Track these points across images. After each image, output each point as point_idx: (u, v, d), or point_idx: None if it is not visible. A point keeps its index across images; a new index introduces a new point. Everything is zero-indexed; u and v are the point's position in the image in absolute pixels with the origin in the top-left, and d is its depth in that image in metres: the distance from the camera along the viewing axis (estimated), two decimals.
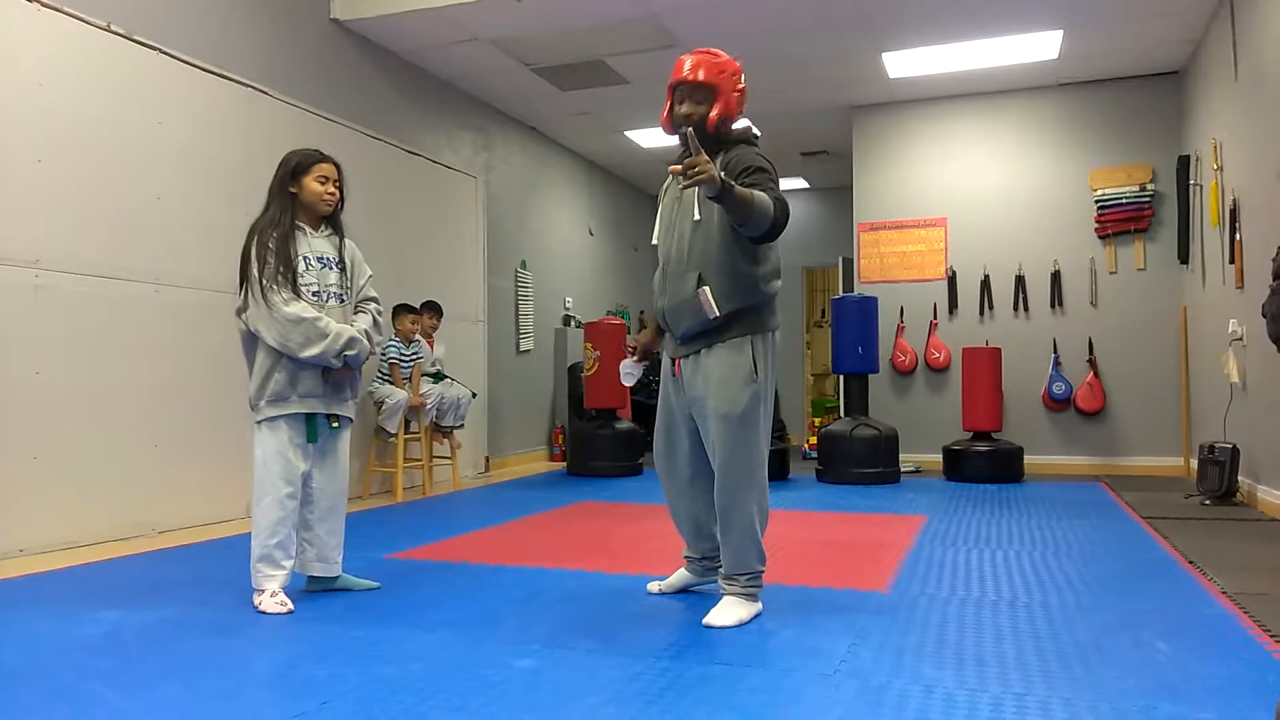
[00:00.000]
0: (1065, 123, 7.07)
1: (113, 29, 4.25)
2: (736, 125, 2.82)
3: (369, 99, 6.03)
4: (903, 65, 6.61)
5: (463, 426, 6.25)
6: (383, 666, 2.28)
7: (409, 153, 6.35)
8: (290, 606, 2.84)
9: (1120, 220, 6.89)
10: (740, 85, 2.78)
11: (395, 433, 5.61)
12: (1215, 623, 2.65)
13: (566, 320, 8.78)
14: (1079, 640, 2.48)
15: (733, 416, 2.67)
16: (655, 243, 2.93)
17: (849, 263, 8.40)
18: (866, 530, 4.35)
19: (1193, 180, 6.33)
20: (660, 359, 3.01)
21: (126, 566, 3.60)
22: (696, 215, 2.73)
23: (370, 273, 3.19)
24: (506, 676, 2.19)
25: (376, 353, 5.33)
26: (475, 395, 6.41)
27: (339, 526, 3.09)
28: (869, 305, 6.52)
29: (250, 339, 2.95)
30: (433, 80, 6.73)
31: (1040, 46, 6.27)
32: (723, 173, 2.51)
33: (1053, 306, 7.06)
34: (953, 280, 7.30)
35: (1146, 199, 6.83)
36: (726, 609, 2.69)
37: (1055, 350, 7.01)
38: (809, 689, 2.10)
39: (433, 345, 6.12)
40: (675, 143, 2.87)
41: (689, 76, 2.72)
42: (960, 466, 6.34)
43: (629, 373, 3.05)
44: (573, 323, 8.80)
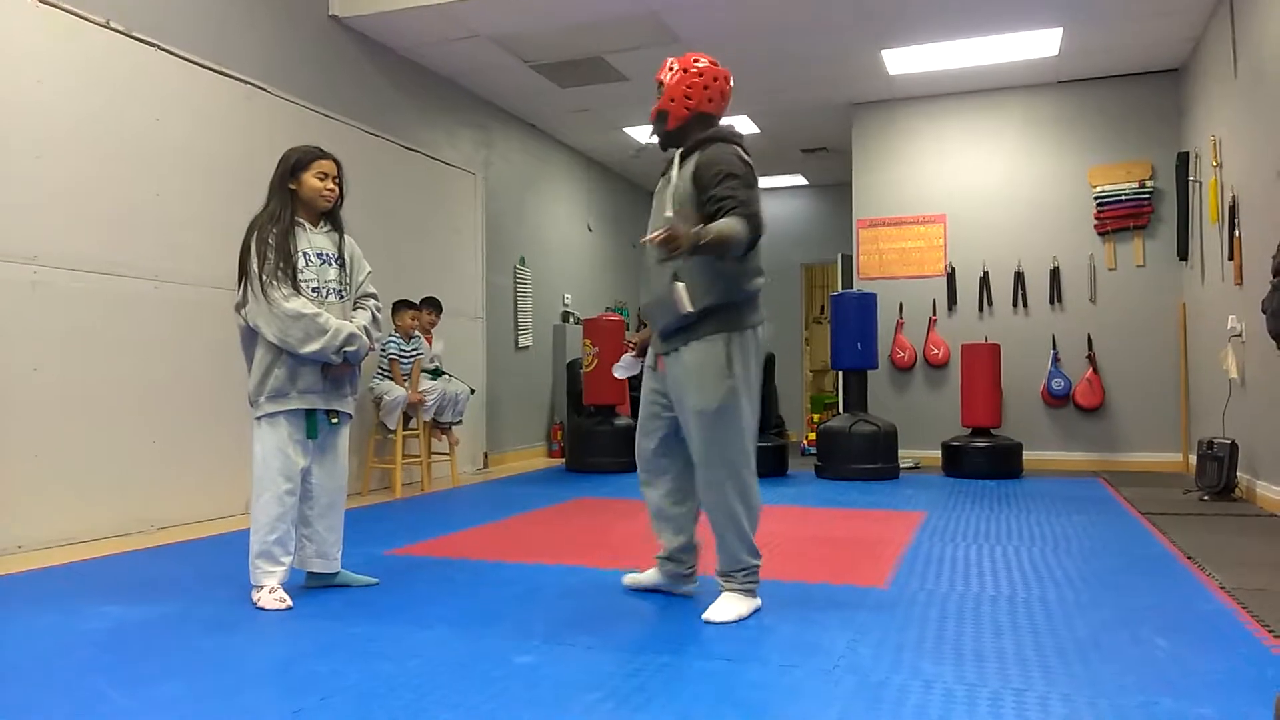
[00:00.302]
0: (1065, 120, 7.06)
1: (112, 26, 4.24)
2: (733, 133, 2.84)
3: (368, 95, 6.02)
4: (902, 62, 6.61)
5: (461, 423, 6.26)
6: (382, 663, 2.28)
7: (408, 149, 6.35)
8: (289, 603, 2.84)
9: (1119, 217, 6.89)
10: (706, 85, 2.81)
11: (394, 429, 5.61)
12: (1214, 618, 2.66)
13: (565, 317, 8.78)
14: (1078, 636, 2.49)
15: (708, 412, 2.69)
16: None
17: (848, 259, 8.40)
18: (865, 526, 4.35)
19: (1192, 177, 6.33)
20: None
21: (126, 563, 3.61)
22: (669, 211, 2.75)
23: (369, 269, 3.19)
24: (505, 673, 2.20)
25: (376, 349, 5.33)
26: (474, 391, 6.42)
27: (338, 522, 3.09)
28: (868, 302, 6.52)
29: (249, 335, 2.95)
30: (432, 77, 6.73)
31: (1040, 44, 6.26)
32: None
33: (1052, 303, 7.06)
34: (952, 277, 7.30)
35: (1146, 196, 6.83)
36: (724, 604, 2.70)
37: (1054, 346, 7.01)
38: (808, 685, 2.10)
39: (431, 341, 6.12)
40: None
41: (656, 77, 2.93)
42: (959, 462, 6.35)
43: (623, 366, 3.05)
44: (571, 319, 8.80)
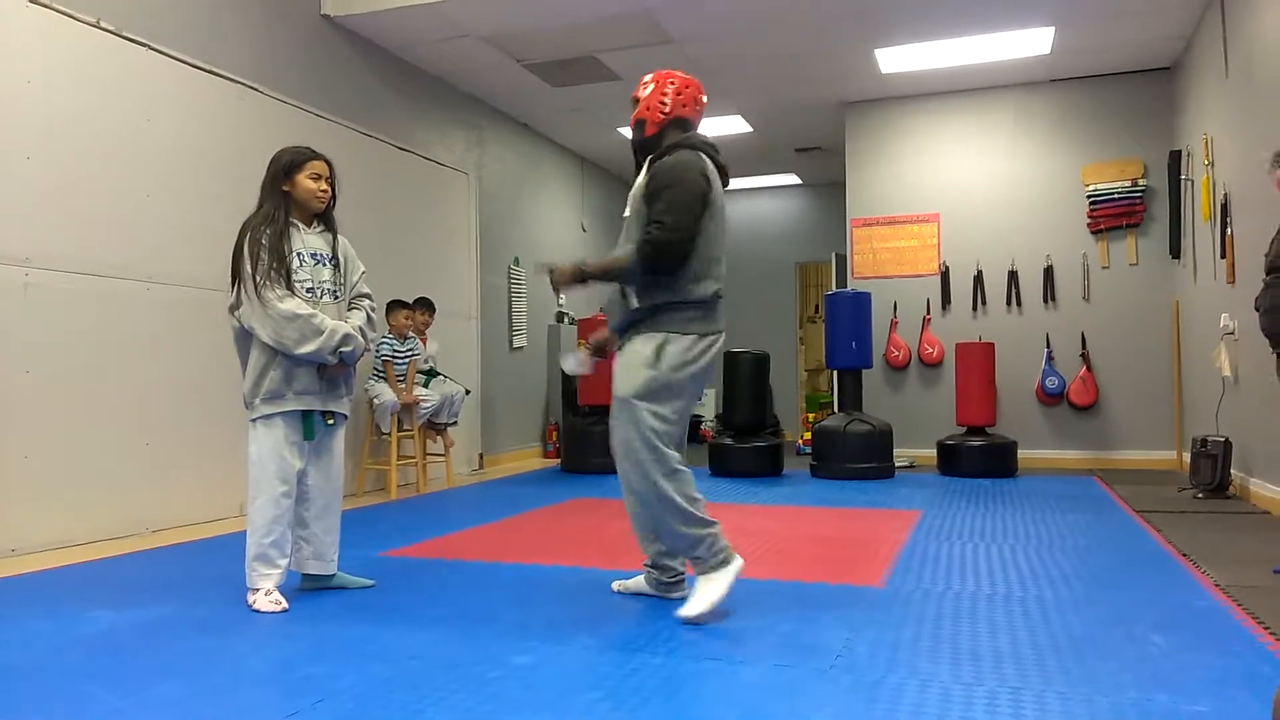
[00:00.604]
0: (1057, 118, 7.08)
1: (102, 25, 4.22)
2: (698, 140, 2.85)
3: (360, 95, 6.01)
4: (895, 61, 6.62)
5: (456, 424, 6.25)
6: (378, 664, 2.27)
7: (400, 149, 6.34)
8: (285, 605, 2.83)
9: (1112, 215, 6.91)
10: (679, 91, 2.89)
11: (387, 432, 5.60)
12: (1209, 615, 2.67)
13: (559, 317, 8.77)
14: (1073, 634, 2.49)
15: (624, 398, 2.71)
16: None
17: (842, 258, 8.40)
18: (861, 525, 4.35)
19: (1184, 175, 6.35)
20: None
21: (120, 566, 3.59)
22: (626, 211, 2.84)
23: (363, 269, 3.18)
24: (503, 673, 2.19)
25: (371, 349, 5.31)
26: (469, 392, 6.41)
27: (335, 524, 3.08)
28: (862, 301, 6.53)
29: (243, 336, 2.94)
30: (424, 76, 6.71)
31: (1032, 42, 6.28)
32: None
33: (1045, 301, 7.08)
34: (946, 276, 7.31)
35: (1138, 194, 6.85)
36: (696, 596, 2.66)
37: (1048, 345, 7.03)
38: (805, 684, 2.10)
39: (426, 342, 6.11)
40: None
41: (633, 95, 3.04)
42: (954, 461, 6.36)
43: (572, 361, 3.01)
44: (566, 319, 8.79)
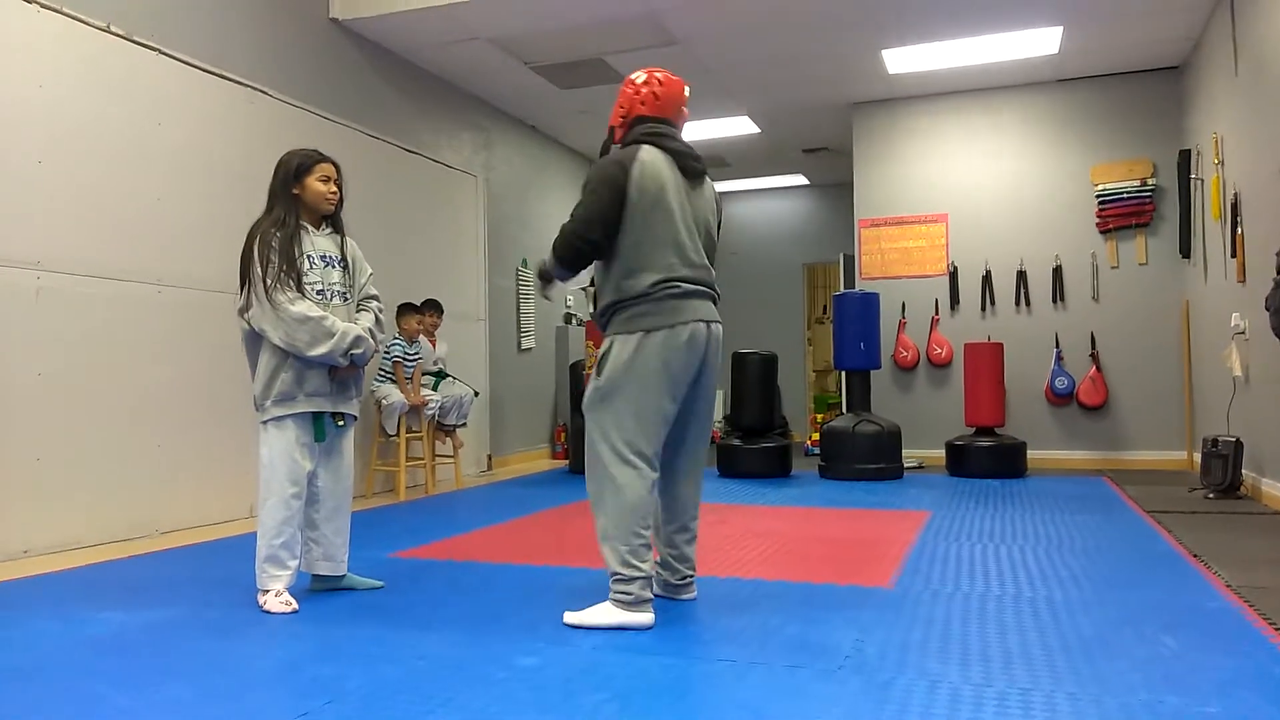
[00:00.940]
0: (1066, 118, 7.06)
1: (112, 30, 4.25)
2: (644, 130, 2.82)
3: (368, 98, 6.02)
4: (903, 62, 6.60)
5: (465, 425, 6.26)
6: (387, 666, 2.28)
7: (409, 151, 6.35)
8: (295, 606, 2.84)
9: (1121, 215, 6.88)
10: (636, 91, 2.85)
11: (394, 433, 5.61)
12: (1220, 616, 2.65)
13: (567, 319, 8.78)
14: (1084, 635, 2.48)
15: (585, 407, 2.75)
16: None
17: (850, 259, 8.39)
18: (870, 526, 4.35)
19: (1194, 175, 6.32)
20: None
21: (131, 567, 3.61)
22: None
23: (370, 271, 3.19)
24: (510, 675, 2.20)
25: (380, 350, 5.33)
26: (478, 394, 6.42)
27: (345, 525, 3.09)
28: (871, 301, 6.52)
29: (253, 339, 2.95)
30: (432, 79, 6.73)
31: (1040, 42, 6.26)
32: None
33: (1054, 302, 7.05)
34: (954, 276, 7.29)
35: (1148, 194, 6.82)
36: (594, 608, 2.63)
37: (1057, 345, 7.00)
38: (814, 685, 2.10)
39: (435, 344, 6.12)
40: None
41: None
42: (963, 462, 6.34)
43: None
44: (574, 321, 8.80)
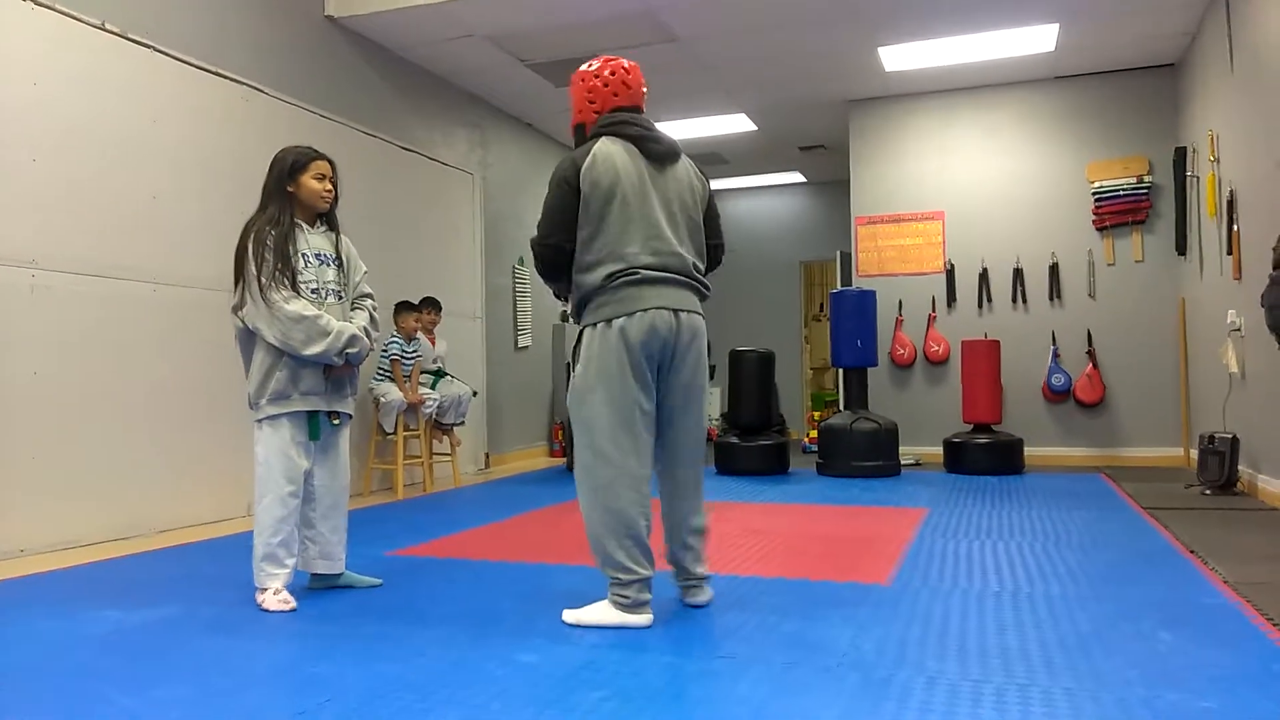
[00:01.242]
0: (1062, 116, 7.06)
1: (107, 28, 4.23)
2: (602, 122, 2.93)
3: (364, 96, 6.01)
4: (899, 59, 6.60)
5: (463, 424, 6.25)
6: (386, 663, 2.27)
7: (405, 149, 6.34)
8: (293, 604, 2.84)
9: (1118, 212, 6.89)
10: (590, 87, 2.98)
11: (391, 431, 5.61)
12: (1217, 612, 2.66)
13: (564, 316, 8.77)
14: (1081, 631, 2.49)
15: (568, 407, 2.77)
16: None
17: (847, 257, 8.39)
18: (867, 523, 4.35)
19: (1189, 172, 6.33)
20: None
21: (127, 566, 3.60)
22: None
23: (365, 269, 3.19)
24: (509, 672, 2.19)
25: (375, 349, 5.31)
26: (476, 393, 6.41)
27: (342, 523, 3.09)
28: (867, 299, 6.52)
29: (247, 337, 2.94)
30: (428, 77, 6.72)
31: (1036, 40, 6.26)
32: None
33: (1051, 299, 7.06)
34: (951, 273, 7.30)
35: (1144, 191, 6.83)
36: (591, 607, 2.63)
37: (1054, 342, 7.01)
38: (812, 682, 2.10)
39: (434, 342, 6.11)
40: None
41: None
42: (960, 459, 6.35)
43: None
44: (571, 319, 8.79)
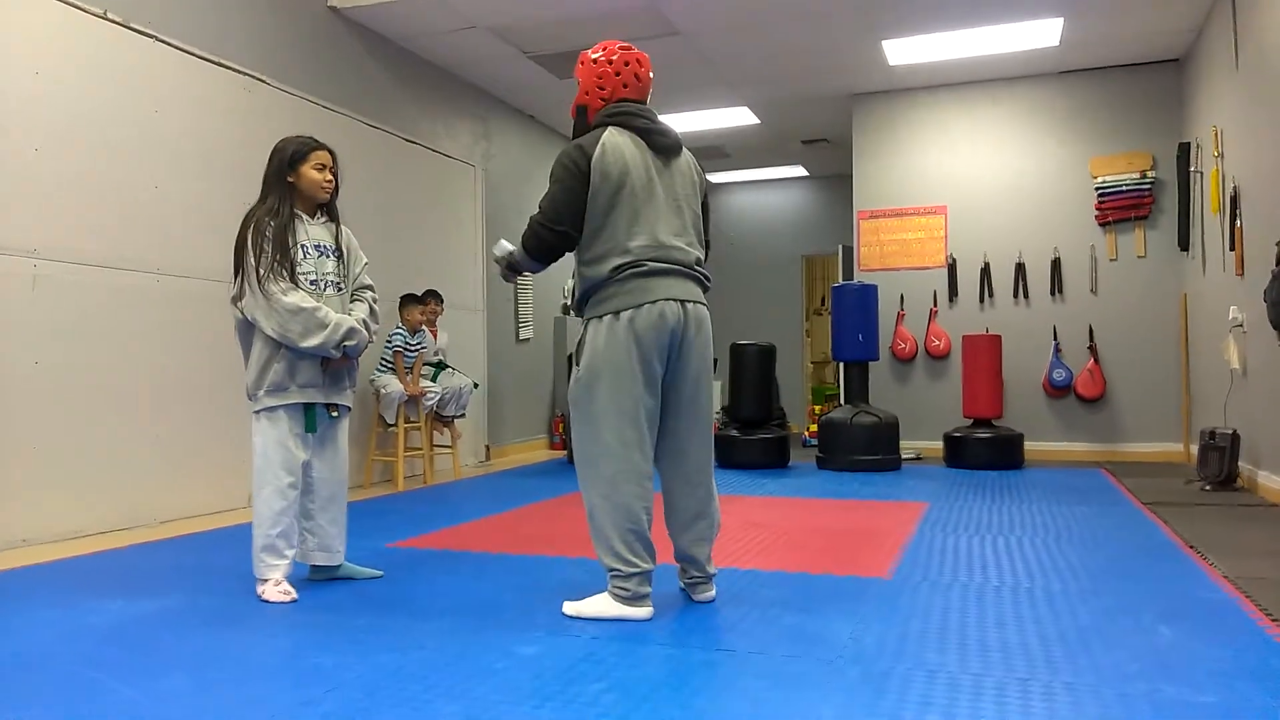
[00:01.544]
0: (1066, 110, 7.04)
1: (109, 17, 4.22)
2: (607, 111, 2.90)
3: (366, 87, 6.00)
4: (903, 53, 6.58)
5: (464, 416, 6.25)
6: (386, 655, 2.28)
7: (407, 141, 6.33)
8: (294, 595, 2.84)
9: (1121, 208, 6.88)
10: (599, 73, 2.88)
11: (392, 423, 5.61)
12: (1216, 607, 2.66)
13: (566, 309, 8.76)
14: (1081, 625, 2.49)
15: (569, 401, 2.76)
16: None
17: (849, 251, 8.39)
18: (868, 517, 4.35)
19: (1193, 167, 6.32)
20: None
21: (129, 556, 3.61)
22: None
23: (365, 260, 3.18)
24: (509, 664, 2.20)
25: (376, 341, 5.31)
26: (477, 386, 6.41)
27: (341, 515, 3.09)
28: (869, 293, 6.51)
29: (246, 328, 2.94)
30: (430, 68, 6.71)
31: (1041, 34, 6.24)
32: None
33: (1053, 294, 7.05)
34: (953, 268, 7.29)
35: (1147, 186, 6.82)
36: (590, 599, 2.62)
37: (1055, 337, 7.01)
38: (812, 675, 2.10)
39: (436, 334, 6.11)
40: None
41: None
42: (961, 453, 6.35)
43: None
44: (572, 311, 8.78)
